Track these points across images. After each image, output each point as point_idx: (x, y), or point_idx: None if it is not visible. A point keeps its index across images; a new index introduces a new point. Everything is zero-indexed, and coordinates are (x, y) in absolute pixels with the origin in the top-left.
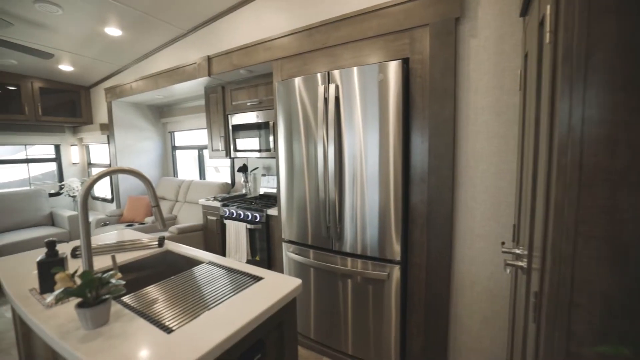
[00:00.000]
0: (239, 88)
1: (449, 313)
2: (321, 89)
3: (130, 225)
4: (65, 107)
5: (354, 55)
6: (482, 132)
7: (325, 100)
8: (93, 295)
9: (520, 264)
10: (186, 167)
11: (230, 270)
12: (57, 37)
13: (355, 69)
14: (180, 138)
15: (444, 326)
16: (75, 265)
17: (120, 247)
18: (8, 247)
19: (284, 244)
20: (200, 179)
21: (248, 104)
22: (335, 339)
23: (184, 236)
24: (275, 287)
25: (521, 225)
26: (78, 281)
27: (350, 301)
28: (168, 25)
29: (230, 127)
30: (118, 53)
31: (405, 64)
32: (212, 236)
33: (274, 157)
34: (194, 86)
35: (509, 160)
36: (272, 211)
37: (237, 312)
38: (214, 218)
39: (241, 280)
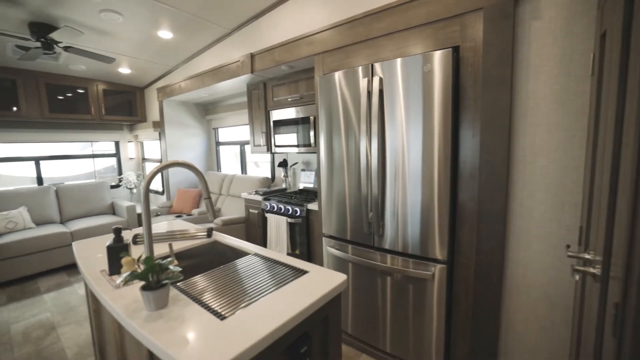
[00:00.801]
0: (280, 84)
1: (499, 319)
2: (364, 82)
3: (179, 216)
4: (123, 106)
5: (398, 47)
6: (542, 124)
7: (369, 93)
8: (154, 279)
9: (591, 270)
10: (227, 162)
11: (275, 262)
12: (117, 42)
13: (398, 60)
14: (223, 134)
15: (494, 332)
16: (136, 251)
17: (173, 236)
18: (79, 232)
19: (324, 239)
20: (242, 173)
21: (289, 99)
22: (373, 336)
23: (228, 228)
24: (321, 281)
25: (592, 227)
26: (140, 266)
27: (389, 299)
28: (214, 26)
29: (271, 123)
30: (169, 55)
31: (455, 53)
32: (253, 229)
33: (314, 152)
34: (237, 83)
35: (575, 155)
36: (312, 206)
37: (284, 304)
38: (256, 211)
39: (287, 273)
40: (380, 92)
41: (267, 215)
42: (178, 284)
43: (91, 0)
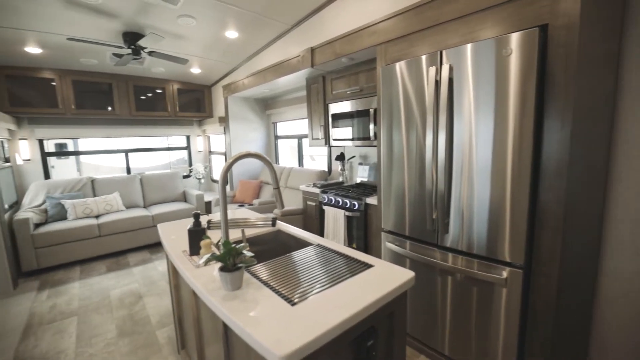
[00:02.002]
0: (340, 77)
1: (588, 337)
2: (431, 71)
3: (241, 205)
4: (193, 104)
5: (469, 31)
6: None
7: (437, 83)
8: (231, 262)
9: None
10: (284, 155)
11: (339, 254)
12: (190, 44)
13: (469, 46)
14: (281, 128)
15: (581, 352)
16: (209, 235)
17: (243, 223)
18: (158, 216)
19: (383, 234)
20: (299, 166)
21: (348, 92)
22: (431, 336)
23: (286, 219)
24: (387, 276)
25: None
26: (214, 249)
27: (449, 299)
28: (275, 22)
29: (330, 116)
30: (234, 53)
31: (543, 32)
32: (310, 221)
33: (372, 146)
34: (297, 78)
35: None
36: (371, 200)
37: (352, 296)
38: (313, 204)
39: (351, 266)
40: (450, 81)
41: (325, 207)
42: (249, 268)
43: (171, 7)
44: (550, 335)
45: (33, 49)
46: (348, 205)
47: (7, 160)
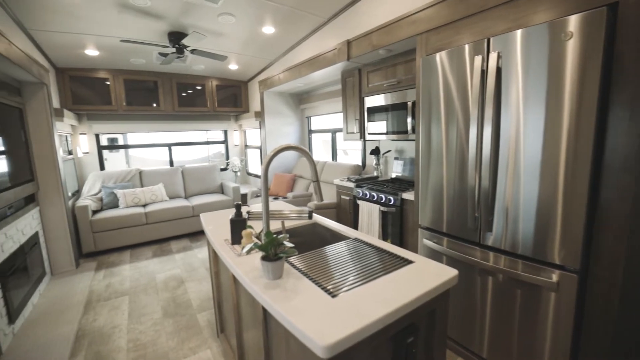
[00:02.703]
0: (376, 69)
1: None
2: (477, 60)
3: (275, 198)
4: (230, 99)
5: (519, 16)
6: None
7: (483, 72)
8: (273, 252)
9: None
10: (317, 149)
11: (377, 249)
12: (229, 41)
13: (519, 32)
14: (315, 122)
15: None
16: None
17: (277, 215)
18: (198, 207)
19: (420, 230)
20: (332, 160)
21: (385, 84)
22: (469, 338)
23: (320, 212)
24: (428, 273)
25: None
26: (254, 239)
27: (489, 301)
28: (311, 16)
29: (365, 110)
30: (270, 49)
31: (612, 12)
32: (344, 215)
33: (409, 140)
34: (332, 71)
35: None
36: (407, 195)
37: (392, 291)
38: (347, 198)
39: (391, 261)
40: (498, 70)
41: (359, 202)
42: (289, 258)
43: (212, 6)
44: (609, 347)
45: (91, 52)
46: (383, 200)
47: (70, 153)
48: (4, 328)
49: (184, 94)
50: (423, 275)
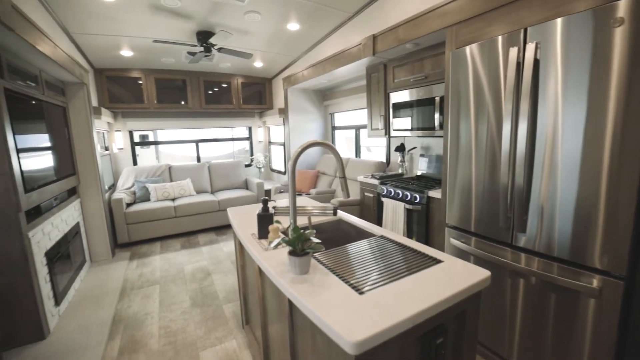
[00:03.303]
0: (402, 64)
1: None
2: (512, 52)
3: (299, 194)
4: (255, 96)
5: (559, 4)
6: None
7: (518, 65)
8: (300, 247)
9: None
10: (340, 146)
11: (404, 247)
12: (254, 39)
13: (559, 21)
14: (338, 119)
15: None
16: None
17: (301, 211)
18: (223, 202)
19: (446, 229)
20: (356, 157)
21: (411, 80)
22: (497, 342)
23: (343, 209)
24: (458, 273)
25: None
26: (280, 234)
27: (520, 304)
28: (336, 12)
29: (391, 106)
30: (294, 45)
31: None
32: (368, 212)
33: (436, 136)
34: (356, 67)
35: None
36: (434, 193)
37: (420, 290)
38: (371, 195)
39: (418, 259)
40: (535, 62)
41: (384, 199)
42: (315, 254)
43: (239, 5)
44: None
45: (126, 52)
46: (409, 197)
47: (106, 148)
48: (51, 309)
49: (210, 92)
50: (453, 275)
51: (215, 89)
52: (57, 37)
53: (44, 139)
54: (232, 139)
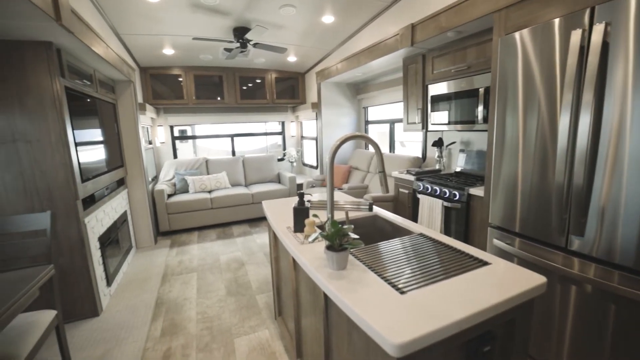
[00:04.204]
0: (443, 54)
1: None
2: (574, 35)
3: None
4: (288, 91)
5: None
6: None
7: (582, 49)
8: (337, 242)
9: None
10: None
11: (447, 246)
12: (288, 33)
13: None
14: (372, 113)
15: None
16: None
17: (341, 205)
18: (257, 195)
19: (489, 229)
20: (390, 152)
21: (452, 70)
22: (544, 352)
23: (377, 205)
24: (509, 278)
25: None
26: (315, 228)
27: (571, 312)
28: (372, 1)
29: (429, 98)
30: (328, 38)
31: None
32: (402, 208)
33: (477, 130)
34: (393, 59)
35: None
36: (475, 191)
37: (466, 293)
38: (406, 191)
39: (462, 260)
40: (604, 46)
41: (420, 196)
42: (352, 250)
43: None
44: None
45: (168, 50)
46: (447, 195)
47: (150, 142)
48: (103, 290)
49: (244, 88)
50: (502, 279)
51: (250, 85)
52: (108, 38)
53: (97, 134)
54: (266, 134)
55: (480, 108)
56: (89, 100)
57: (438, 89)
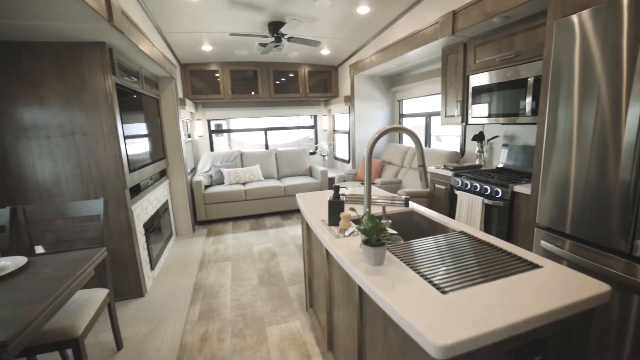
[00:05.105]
0: (487, 42)
1: None
2: None
3: (363, 183)
4: (320, 84)
5: None
6: None
7: None
8: (375, 237)
9: None
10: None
11: (491, 246)
12: (322, 26)
13: None
14: (407, 106)
15: None
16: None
17: (374, 200)
18: (289, 188)
19: (536, 230)
20: (425, 146)
21: (497, 59)
22: None
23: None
24: (564, 283)
25: None
26: (350, 222)
27: (632, 323)
28: None
29: (470, 90)
30: (362, 30)
31: None
32: (438, 205)
33: (522, 124)
34: (431, 49)
35: None
36: (521, 188)
37: (515, 297)
38: (443, 187)
39: (509, 262)
40: None
41: (458, 192)
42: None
43: None
44: None
45: (206, 47)
46: (488, 192)
47: (189, 136)
48: (147, 273)
49: (277, 82)
50: (556, 285)
51: (283, 79)
52: (153, 37)
53: (142, 127)
54: (298, 127)
55: (529, 99)
56: (135, 96)
57: (480, 79)
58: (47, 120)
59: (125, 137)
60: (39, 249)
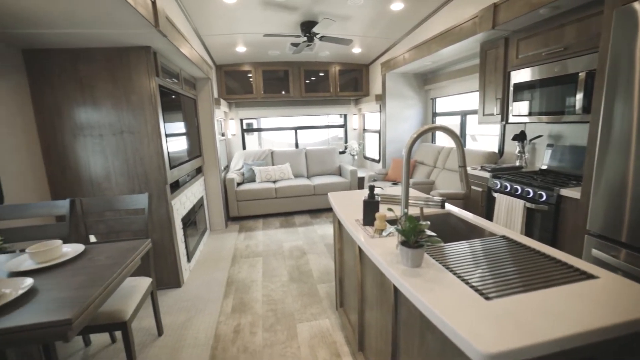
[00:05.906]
0: (531, 35)
1: None
2: None
3: (395, 183)
4: (351, 83)
5: None
6: None
7: None
8: (413, 239)
9: None
10: (439, 135)
11: (537, 253)
12: (355, 24)
13: None
14: (440, 104)
15: None
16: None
17: (414, 201)
18: (318, 187)
19: (586, 237)
20: None
21: (543, 53)
22: None
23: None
24: (625, 297)
25: None
26: (385, 222)
27: None
28: None
29: (511, 87)
30: (395, 27)
31: None
32: (474, 207)
33: (569, 122)
34: (468, 45)
35: None
36: (569, 192)
37: (567, 309)
38: (479, 189)
39: (559, 270)
40: None
41: (496, 195)
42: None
43: None
44: None
45: (240, 48)
46: (531, 195)
47: (222, 134)
48: (185, 265)
49: (307, 81)
50: (616, 298)
51: (313, 78)
52: (192, 40)
53: (181, 126)
54: (328, 127)
55: (579, 96)
56: (175, 96)
57: (523, 75)
58: (99, 119)
59: (166, 136)
60: (92, 238)
